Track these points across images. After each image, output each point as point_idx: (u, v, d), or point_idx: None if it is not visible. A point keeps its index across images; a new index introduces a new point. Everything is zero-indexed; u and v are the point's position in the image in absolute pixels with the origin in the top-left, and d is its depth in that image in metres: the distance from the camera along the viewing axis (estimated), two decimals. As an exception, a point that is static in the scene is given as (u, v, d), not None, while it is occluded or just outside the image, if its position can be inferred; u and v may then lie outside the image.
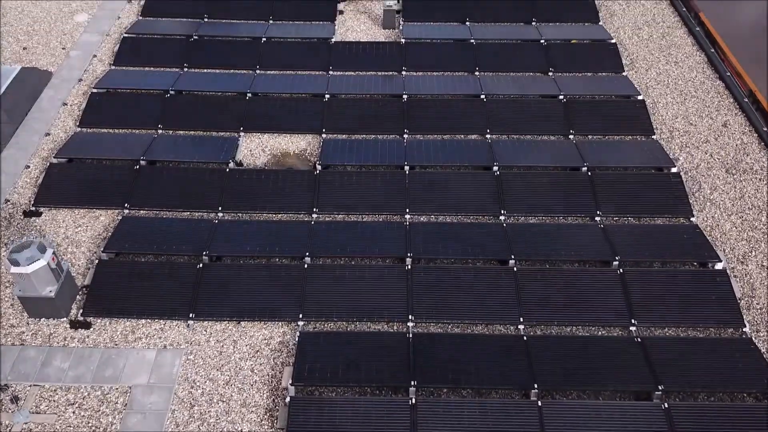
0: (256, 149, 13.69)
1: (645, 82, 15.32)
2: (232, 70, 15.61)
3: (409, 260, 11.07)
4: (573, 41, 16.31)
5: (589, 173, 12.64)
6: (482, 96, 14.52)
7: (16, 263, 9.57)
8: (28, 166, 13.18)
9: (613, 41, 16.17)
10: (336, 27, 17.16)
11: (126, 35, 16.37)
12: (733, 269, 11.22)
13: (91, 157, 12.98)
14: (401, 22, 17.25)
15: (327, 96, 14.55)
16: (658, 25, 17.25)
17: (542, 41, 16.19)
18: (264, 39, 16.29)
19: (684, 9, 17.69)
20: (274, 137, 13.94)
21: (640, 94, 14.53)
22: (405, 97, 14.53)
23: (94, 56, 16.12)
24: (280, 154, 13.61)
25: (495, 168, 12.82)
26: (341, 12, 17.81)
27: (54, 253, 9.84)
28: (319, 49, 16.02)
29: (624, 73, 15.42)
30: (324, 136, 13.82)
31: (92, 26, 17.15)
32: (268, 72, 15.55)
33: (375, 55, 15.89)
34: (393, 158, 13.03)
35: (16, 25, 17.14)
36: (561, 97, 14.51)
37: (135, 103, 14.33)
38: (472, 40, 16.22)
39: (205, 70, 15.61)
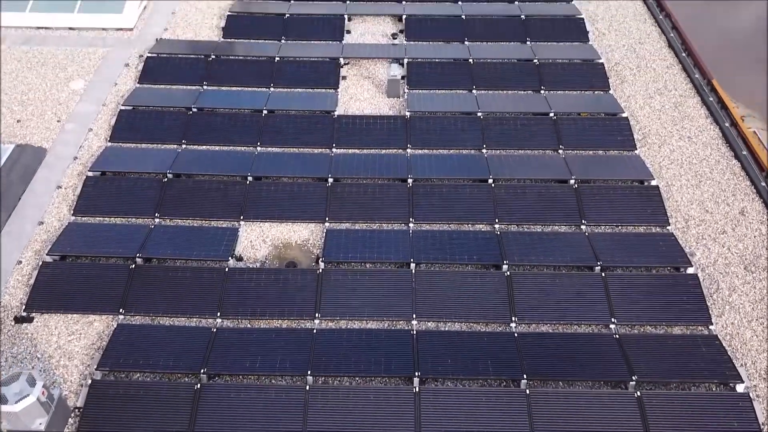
0: (256, 240, 13.21)
1: (658, 161, 14.83)
2: (232, 147, 15.15)
3: (416, 380, 10.60)
4: (583, 114, 15.83)
5: (603, 274, 12.15)
6: (490, 180, 14.04)
7: (4, 400, 9.10)
8: (20, 261, 12.71)
9: (625, 115, 15.69)
10: (339, 95, 16.70)
11: (122, 107, 15.91)
12: (755, 387, 10.73)
13: (84, 254, 12.50)
14: (406, 90, 16.79)
15: (330, 179, 14.08)
16: (670, 93, 16.77)
17: (552, 115, 15.71)
18: (265, 111, 15.82)
19: (697, 75, 17.20)
20: (276, 225, 13.47)
21: (654, 178, 14.04)
22: (410, 181, 14.05)
23: (90, 130, 15.65)
24: (282, 245, 13.13)
25: (504, 267, 12.34)
26: (344, 77, 17.34)
27: (44, 385, 9.37)
28: (322, 123, 15.55)
29: (636, 152, 14.94)
30: (327, 224, 13.35)
31: (88, 94, 16.68)
32: (270, 149, 15.08)
33: (379, 130, 15.41)
34: (398, 254, 12.55)
35: (11, 93, 16.68)
36: (572, 181, 14.03)
37: (130, 189, 13.85)
38: (480, 114, 15.74)
39: (204, 147, 15.15)
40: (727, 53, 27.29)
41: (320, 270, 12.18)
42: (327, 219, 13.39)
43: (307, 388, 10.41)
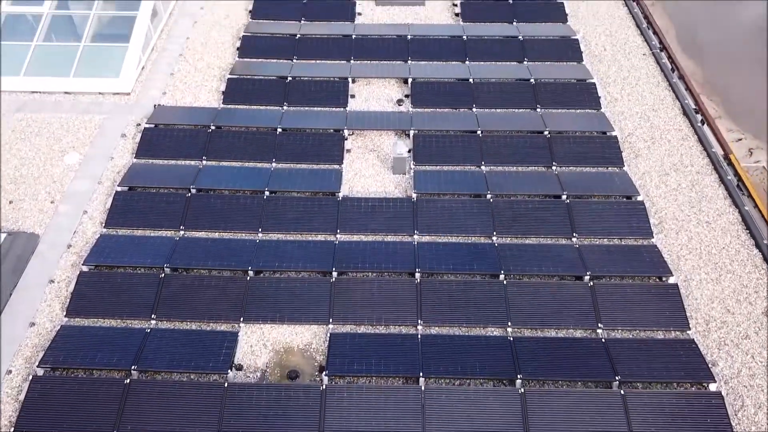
0: (256, 344, 12.62)
1: (676, 251, 14.23)
2: (231, 235, 14.57)
3: None
4: (596, 196, 15.24)
5: (622, 392, 11.55)
6: (502, 276, 13.45)
7: None
8: (10, 371, 12.13)
9: (640, 198, 15.10)
10: (344, 170, 16.12)
11: (118, 189, 15.33)
12: None
13: (75, 366, 11.91)
14: (412, 166, 16.21)
15: (335, 274, 13.49)
16: (687, 169, 16.18)
17: (564, 197, 15.12)
18: (267, 193, 15.24)
19: (714, 149, 16.61)
20: (277, 327, 12.88)
21: (672, 274, 13.45)
22: (418, 275, 13.47)
23: (85, 212, 15.08)
24: (283, 350, 12.54)
25: (518, 382, 11.75)
26: (348, 150, 16.76)
27: None
28: (326, 206, 14.96)
29: (653, 240, 14.35)
30: (331, 327, 12.77)
31: (83, 170, 16.10)
32: (271, 236, 14.51)
33: (385, 214, 14.82)
34: (407, 364, 11.96)
35: (5, 169, 16.11)
36: (587, 278, 13.44)
37: (125, 286, 13.26)
38: (489, 196, 15.15)
39: (204, 233, 14.58)
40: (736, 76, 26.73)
41: (324, 386, 11.58)
42: (330, 320, 12.80)
43: None
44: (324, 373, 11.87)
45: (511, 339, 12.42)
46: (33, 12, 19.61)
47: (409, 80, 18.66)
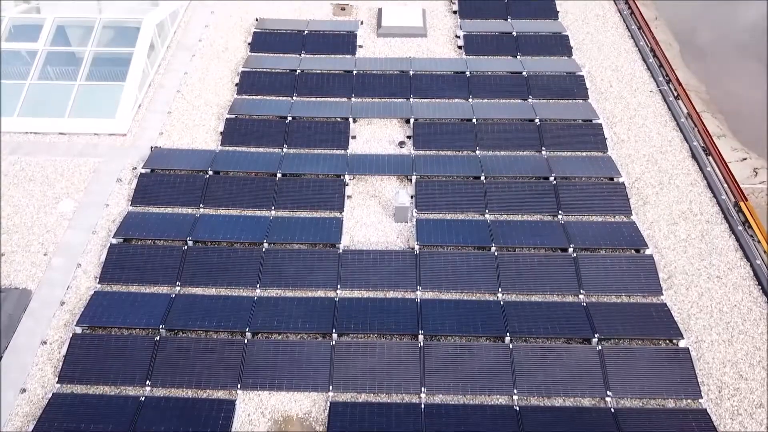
0: (254, 413, 12.22)
1: (686, 309, 13.82)
2: (229, 291, 14.18)
3: None
4: (602, 250, 14.84)
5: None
6: (507, 338, 13.05)
7: None
8: (-1, 443, 11.77)
9: (649, 252, 14.70)
10: (344, 218, 15.72)
11: (112, 241, 14.94)
12: None
13: (70, 439, 11.54)
14: (415, 214, 15.82)
15: (335, 335, 13.10)
16: (696, 218, 15.77)
17: (572, 251, 14.73)
18: (266, 245, 14.85)
19: (724, 196, 16.20)
20: (275, 394, 12.49)
21: (683, 337, 13.05)
22: (421, 338, 13.07)
23: (79, 265, 14.69)
24: (282, 419, 12.15)
25: (525, 456, 11.37)
26: (349, 196, 16.36)
27: None
28: (326, 259, 14.56)
29: (663, 298, 13.95)
30: (331, 395, 12.37)
31: (78, 219, 15.72)
32: (270, 293, 14.11)
33: (387, 268, 14.42)
34: (409, 437, 11.59)
35: (-4, 217, 15.75)
36: (594, 341, 13.04)
37: (119, 349, 12.88)
38: (494, 249, 14.76)
39: (201, 290, 14.19)
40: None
41: (324, 463, 11.21)
42: (330, 387, 12.40)
43: None
44: (324, 448, 11.50)
45: (517, 408, 12.03)
46: (28, 48, 19.23)
47: (411, 120, 18.27)
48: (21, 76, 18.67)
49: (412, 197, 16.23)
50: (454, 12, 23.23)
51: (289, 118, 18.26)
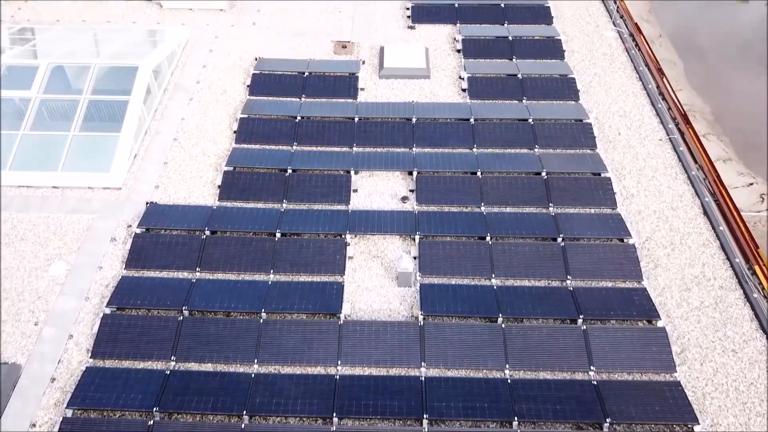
0: (252, 506, 11.72)
1: (701, 388, 13.29)
2: (226, 367, 13.66)
3: None
4: (612, 321, 14.32)
5: None
6: (515, 424, 12.53)
7: None
8: None
9: (661, 324, 14.18)
10: (345, 282, 15.20)
11: (105, 311, 14.42)
12: None
13: None
14: (418, 278, 15.31)
15: (335, 420, 12.58)
16: (709, 283, 15.24)
17: (581, 322, 14.21)
18: (264, 316, 14.34)
19: (738, 260, 15.68)
20: (274, 485, 11.99)
21: (698, 423, 12.52)
22: (425, 424, 12.55)
23: (71, 337, 14.18)
24: None
25: None
26: (351, 258, 15.85)
27: None
28: (326, 331, 14.04)
29: (677, 375, 13.41)
30: (332, 485, 11.88)
31: (70, 284, 15.21)
32: (268, 369, 13.59)
33: (389, 340, 13.90)
34: None
35: (-15, 282, 15.25)
36: (606, 425, 12.52)
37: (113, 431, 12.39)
38: (501, 320, 14.24)
39: (197, 366, 13.66)
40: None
41: None
42: (332, 478, 11.91)
43: None
44: None
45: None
46: (21, 96, 18.73)
47: (414, 173, 17.76)
48: (14, 125, 18.18)
49: (415, 258, 15.73)
50: (458, 51, 22.73)
51: (289, 171, 17.75)
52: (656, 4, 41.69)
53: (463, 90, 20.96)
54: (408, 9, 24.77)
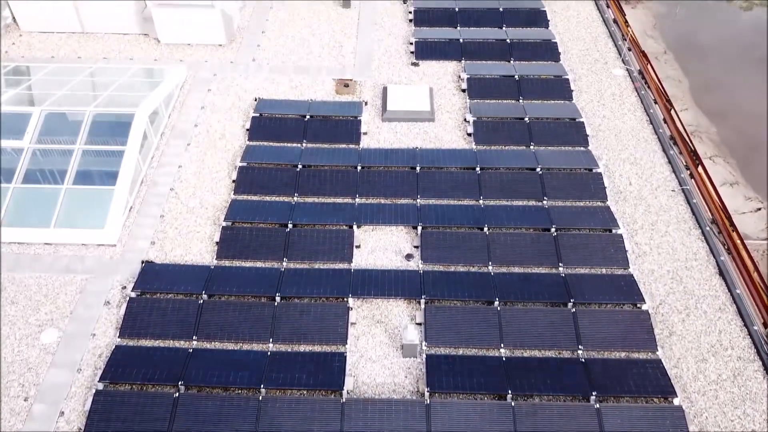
0: None
1: (720, 474, 12.72)
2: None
3: None
4: (627, 399, 13.73)
5: None
6: None
7: None
8: None
9: (678, 402, 13.58)
10: (348, 352, 14.61)
11: (97, 386, 13.83)
12: None
13: None
14: (424, 347, 14.71)
15: None
16: (727, 353, 14.65)
17: (593, 402, 13.62)
18: (263, 392, 13.75)
19: (756, 327, 15.07)
20: None
21: None
22: None
23: (62, 414, 13.59)
24: None
25: None
26: (353, 323, 15.27)
27: None
28: (328, 411, 13.45)
29: (694, 460, 12.86)
30: None
31: (62, 354, 14.62)
32: (267, 451, 13.04)
33: (394, 422, 13.29)
34: None
35: (-26, 351, 14.68)
36: None
37: None
38: (510, 398, 13.64)
39: (192, 448, 13.11)
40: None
41: None
42: None
43: None
44: None
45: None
46: (13, 146, 18.16)
47: (419, 228, 17.18)
48: (5, 177, 17.60)
49: (420, 324, 15.15)
50: (463, 90, 22.14)
51: (290, 226, 17.18)
52: (661, 19, 41.08)
53: (469, 134, 20.37)
54: (412, 44, 24.18)
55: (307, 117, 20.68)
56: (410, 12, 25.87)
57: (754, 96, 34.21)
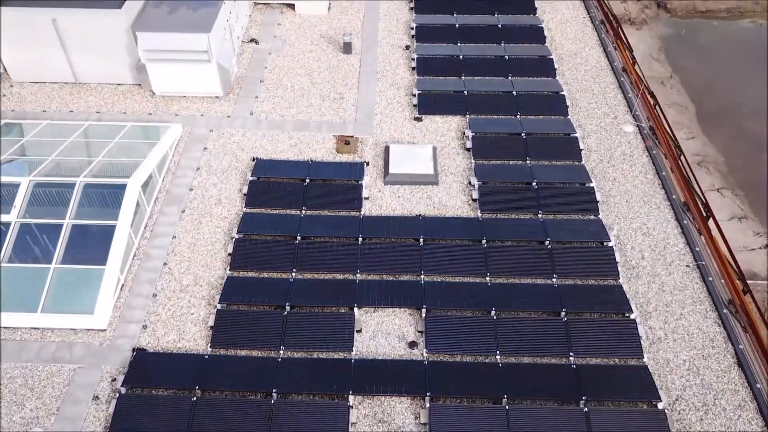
0: None
1: None
2: None
3: None
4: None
5: None
6: None
7: None
8: None
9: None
10: (348, 454, 13.91)
11: (86, 501, 13.14)
12: None
13: None
14: (428, 451, 13.99)
15: None
16: (748, 459, 13.90)
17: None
18: (258, 506, 13.04)
19: (778, 429, 14.33)
20: None
21: None
22: None
23: None
24: None
25: None
26: (354, 423, 14.52)
27: None
28: None
29: None
30: None
31: (47, 458, 13.92)
32: None
33: None
34: None
35: (-45, 455, 13.96)
36: None
37: None
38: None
39: None
40: None
41: None
42: None
43: None
44: None
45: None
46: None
47: (423, 311, 16.43)
48: (-9, 255, 16.88)
49: (425, 425, 14.40)
50: (468, 149, 21.38)
51: (287, 309, 16.43)
52: (667, 43, 40.41)
53: (474, 200, 19.61)
54: (414, 96, 23.41)
55: (307, 181, 19.93)
56: (413, 59, 25.10)
57: (762, 121, 33.41)
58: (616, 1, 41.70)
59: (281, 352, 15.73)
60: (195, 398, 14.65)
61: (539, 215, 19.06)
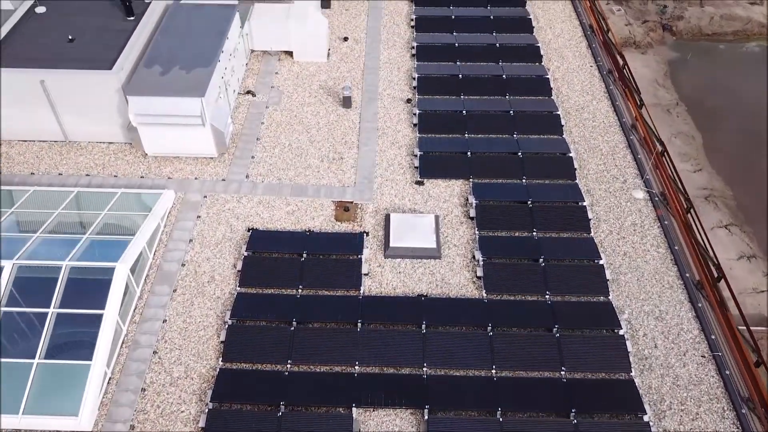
0: None
1: None
2: None
3: None
4: None
5: None
6: None
7: None
8: None
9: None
10: None
11: None
12: None
13: None
14: None
15: None
16: None
17: None
18: None
19: None
20: None
21: None
22: None
23: None
24: None
25: None
26: None
27: None
28: None
29: None
30: None
31: None
32: None
33: None
34: None
35: None
36: None
37: None
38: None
39: None
40: None
41: None
42: None
43: None
44: None
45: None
46: (-19, 310, 16.61)
47: (425, 413, 15.59)
48: (-29, 348, 16.08)
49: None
50: (471, 218, 20.52)
51: (282, 410, 15.60)
52: (673, 67, 39.67)
53: (479, 278, 18.75)
54: (416, 156, 22.58)
55: (304, 256, 19.09)
56: (414, 114, 24.26)
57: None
58: (620, 23, 40.88)
59: (275, 459, 14.93)
60: None
61: (547, 296, 18.21)
